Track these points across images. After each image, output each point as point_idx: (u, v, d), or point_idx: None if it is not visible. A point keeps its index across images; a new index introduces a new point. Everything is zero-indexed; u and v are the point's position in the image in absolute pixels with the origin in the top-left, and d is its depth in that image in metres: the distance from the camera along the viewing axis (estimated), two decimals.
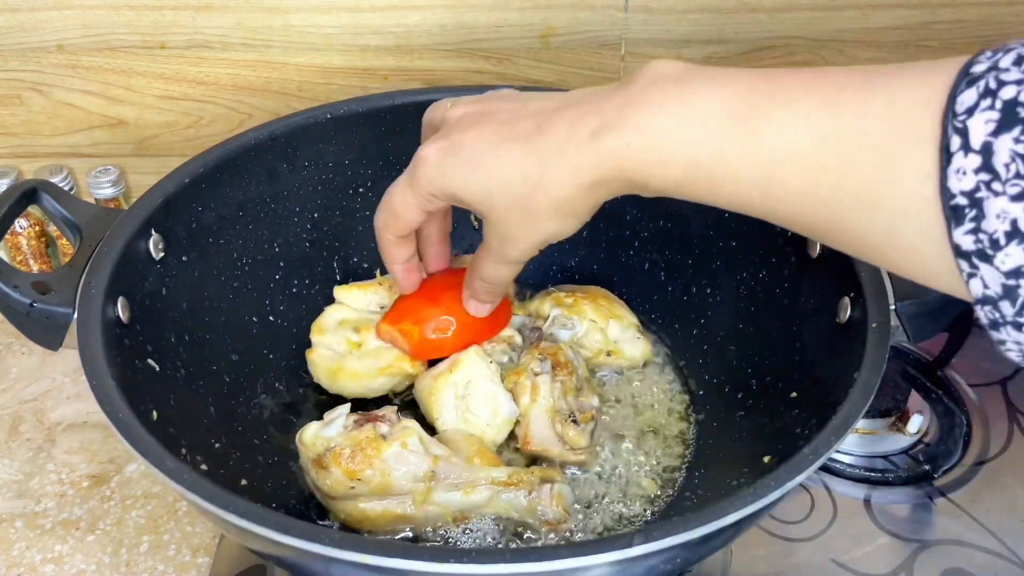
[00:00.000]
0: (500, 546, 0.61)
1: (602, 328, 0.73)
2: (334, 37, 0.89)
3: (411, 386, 0.72)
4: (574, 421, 0.67)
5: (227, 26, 0.88)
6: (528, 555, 0.43)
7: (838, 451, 0.64)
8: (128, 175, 0.95)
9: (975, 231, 0.37)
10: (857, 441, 0.77)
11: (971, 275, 0.38)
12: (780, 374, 0.66)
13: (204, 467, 0.58)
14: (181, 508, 0.73)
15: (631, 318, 0.75)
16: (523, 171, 0.51)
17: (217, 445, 0.63)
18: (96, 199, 0.90)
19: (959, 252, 0.38)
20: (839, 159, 0.41)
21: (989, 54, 0.38)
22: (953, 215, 0.37)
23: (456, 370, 0.68)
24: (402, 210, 0.58)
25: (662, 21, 0.88)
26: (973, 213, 0.37)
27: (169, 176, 0.67)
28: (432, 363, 0.71)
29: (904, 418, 0.78)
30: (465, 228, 0.82)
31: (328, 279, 0.77)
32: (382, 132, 0.78)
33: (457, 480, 0.61)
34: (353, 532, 0.61)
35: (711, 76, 0.46)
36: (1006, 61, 0.37)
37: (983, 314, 0.38)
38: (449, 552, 0.43)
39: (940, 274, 0.40)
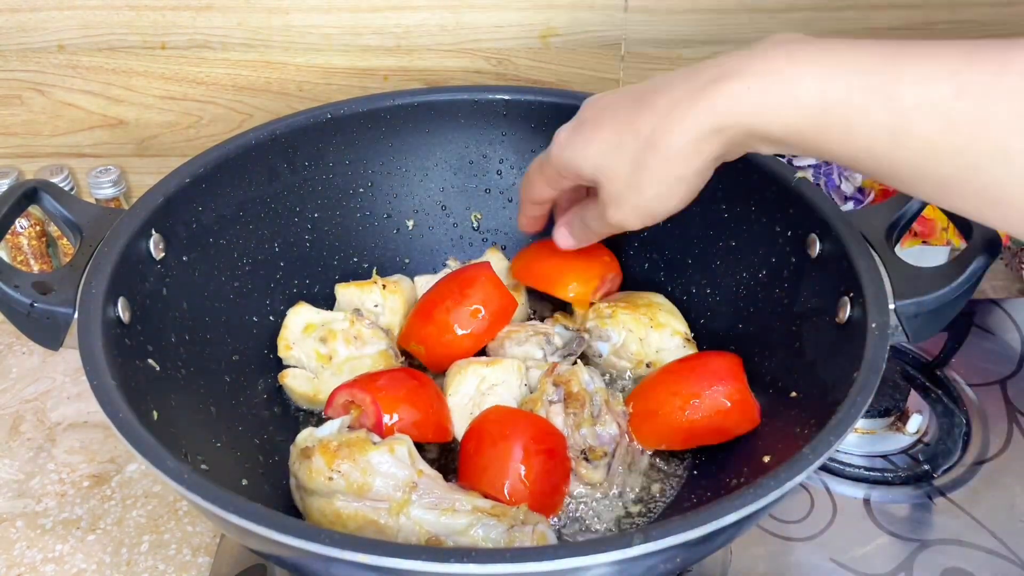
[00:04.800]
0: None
1: (640, 338, 0.72)
2: (334, 37, 0.89)
3: None
4: (586, 459, 0.64)
5: (228, 26, 0.88)
6: (528, 555, 0.43)
7: (838, 451, 0.64)
8: (128, 175, 0.95)
9: None
10: (857, 441, 0.77)
11: None
12: (780, 374, 0.66)
13: (204, 467, 0.58)
14: (182, 508, 0.73)
15: (677, 326, 0.73)
16: (636, 127, 0.51)
17: (217, 445, 0.63)
18: (96, 199, 0.90)
19: None
20: (977, 110, 0.41)
21: None
22: None
23: (492, 367, 0.68)
24: (534, 186, 0.63)
25: (662, 21, 0.88)
26: None
27: (169, 176, 0.67)
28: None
29: (903, 418, 0.78)
30: (465, 228, 0.83)
31: (328, 279, 0.78)
32: (382, 132, 0.78)
33: (438, 499, 0.58)
34: None
35: (839, 39, 0.46)
36: None
37: None
38: (449, 552, 0.43)
39: None
